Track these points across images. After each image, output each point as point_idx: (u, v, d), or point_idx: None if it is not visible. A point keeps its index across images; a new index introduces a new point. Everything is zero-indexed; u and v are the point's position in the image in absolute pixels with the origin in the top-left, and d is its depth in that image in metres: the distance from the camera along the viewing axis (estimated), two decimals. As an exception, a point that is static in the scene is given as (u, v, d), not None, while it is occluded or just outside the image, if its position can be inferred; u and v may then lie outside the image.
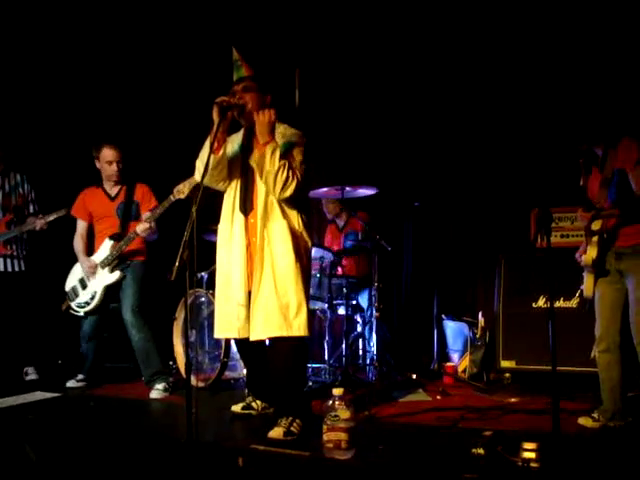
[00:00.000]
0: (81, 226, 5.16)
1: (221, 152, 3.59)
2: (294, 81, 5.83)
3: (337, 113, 6.25)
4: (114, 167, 5.00)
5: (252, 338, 3.59)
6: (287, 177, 3.46)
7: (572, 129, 3.78)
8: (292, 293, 3.54)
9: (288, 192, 3.49)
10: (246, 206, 3.68)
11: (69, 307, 5.13)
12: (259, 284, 3.57)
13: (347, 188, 5.04)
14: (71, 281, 5.15)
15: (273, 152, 3.45)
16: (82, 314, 5.07)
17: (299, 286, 3.57)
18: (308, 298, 3.66)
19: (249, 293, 3.61)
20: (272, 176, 3.45)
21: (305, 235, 3.70)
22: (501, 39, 5.64)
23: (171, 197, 4.64)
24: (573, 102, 4.83)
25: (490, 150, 5.92)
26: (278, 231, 3.58)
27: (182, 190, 4.54)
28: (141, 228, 4.80)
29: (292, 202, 3.63)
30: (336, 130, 6.22)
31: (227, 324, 3.72)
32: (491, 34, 5.68)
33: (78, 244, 5.12)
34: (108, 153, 4.99)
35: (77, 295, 5.08)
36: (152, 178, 5.25)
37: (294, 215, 3.66)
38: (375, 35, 6.00)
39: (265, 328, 3.55)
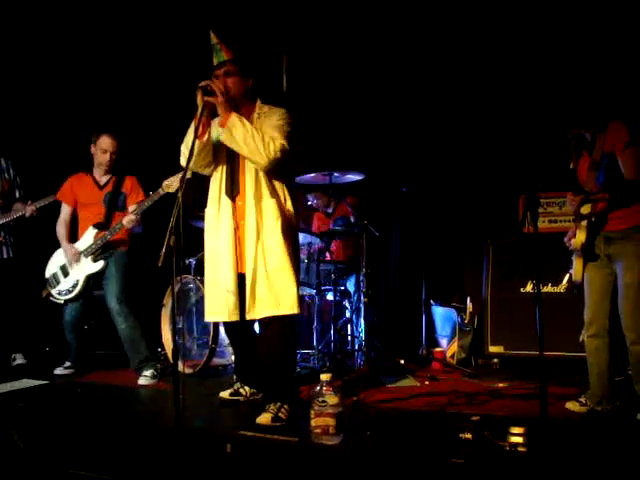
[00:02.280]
0: (65, 211, 5.13)
1: (206, 137, 3.58)
2: (282, 67, 5.79)
3: (325, 99, 6.21)
4: (107, 156, 4.98)
5: (247, 318, 3.58)
6: (266, 139, 3.43)
7: (561, 113, 3.77)
8: (282, 271, 3.54)
9: (278, 154, 3.44)
10: (233, 189, 3.67)
11: (49, 294, 5.10)
12: (252, 264, 3.55)
13: (335, 174, 5.02)
14: (51, 268, 5.12)
15: (240, 119, 3.44)
16: (62, 301, 5.04)
17: (289, 264, 3.56)
18: (299, 276, 3.67)
19: (239, 276, 3.60)
20: (251, 139, 3.41)
21: (294, 216, 3.70)
22: (487, 21, 5.59)
23: (160, 190, 4.65)
24: (561, 86, 4.81)
25: (478, 136, 5.90)
26: (269, 211, 3.58)
27: (171, 184, 4.54)
28: (127, 220, 4.79)
29: (281, 178, 3.65)
30: (324, 116, 6.19)
31: (217, 307, 3.70)
32: (477, 15, 5.63)
33: (61, 229, 5.09)
34: (106, 142, 4.96)
35: (58, 282, 5.05)
36: (142, 171, 5.22)
37: (283, 195, 3.67)
38: (362, 19, 5.95)
39: (258, 308, 3.55)
